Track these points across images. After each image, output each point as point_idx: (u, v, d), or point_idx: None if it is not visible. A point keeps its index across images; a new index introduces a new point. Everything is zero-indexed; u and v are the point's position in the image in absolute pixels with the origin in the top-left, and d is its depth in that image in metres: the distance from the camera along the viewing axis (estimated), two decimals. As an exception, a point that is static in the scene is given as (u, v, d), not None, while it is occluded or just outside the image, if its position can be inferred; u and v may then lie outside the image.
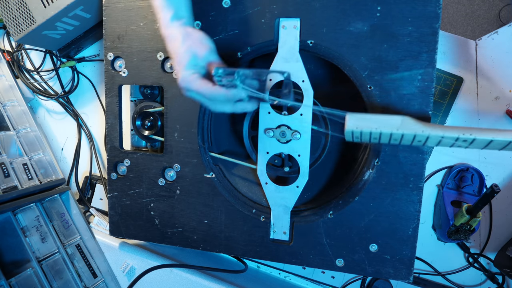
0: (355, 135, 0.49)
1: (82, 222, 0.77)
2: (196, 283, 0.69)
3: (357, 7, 0.53)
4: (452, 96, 0.74)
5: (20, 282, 0.61)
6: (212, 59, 0.51)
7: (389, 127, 0.47)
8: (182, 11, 0.52)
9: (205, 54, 0.50)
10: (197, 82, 0.49)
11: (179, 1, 0.52)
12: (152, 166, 0.65)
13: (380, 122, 0.47)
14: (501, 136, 0.43)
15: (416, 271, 0.76)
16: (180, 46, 0.50)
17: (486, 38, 0.73)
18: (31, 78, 0.85)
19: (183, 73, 0.50)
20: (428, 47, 0.51)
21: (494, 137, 0.43)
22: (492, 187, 0.57)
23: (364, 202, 0.56)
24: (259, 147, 0.61)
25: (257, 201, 0.63)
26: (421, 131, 0.46)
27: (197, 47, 0.50)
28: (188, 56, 0.50)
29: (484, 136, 0.44)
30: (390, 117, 0.47)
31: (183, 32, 0.50)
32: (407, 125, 0.46)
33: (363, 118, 0.48)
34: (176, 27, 0.51)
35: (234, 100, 0.51)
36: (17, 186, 0.69)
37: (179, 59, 0.50)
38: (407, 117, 0.47)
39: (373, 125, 0.47)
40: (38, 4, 0.66)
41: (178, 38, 0.50)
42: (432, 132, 0.45)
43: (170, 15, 0.50)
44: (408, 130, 0.46)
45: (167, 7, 0.51)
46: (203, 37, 0.51)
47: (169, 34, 0.51)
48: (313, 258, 0.59)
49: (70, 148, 0.88)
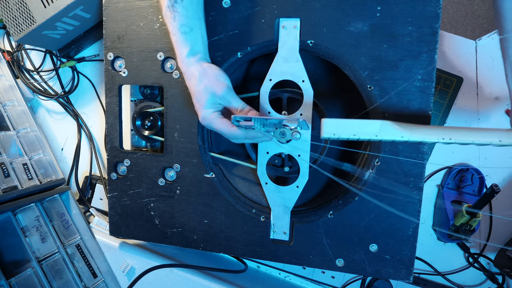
0: (332, 138, 0.48)
1: (82, 222, 0.77)
2: (196, 283, 0.69)
3: (357, 7, 0.53)
4: (452, 96, 0.74)
5: (20, 282, 0.61)
6: (229, 97, 0.53)
7: (367, 133, 0.46)
8: (197, 46, 0.53)
9: (222, 93, 0.52)
10: (217, 121, 0.52)
11: (195, 36, 0.53)
12: (152, 166, 0.65)
13: (357, 129, 0.46)
14: (480, 139, 0.44)
15: (416, 271, 0.76)
16: (198, 84, 0.52)
17: (486, 38, 0.73)
18: (31, 78, 0.85)
19: (203, 112, 0.53)
20: (428, 47, 0.51)
21: (473, 141, 0.44)
22: (492, 187, 0.57)
23: (364, 202, 0.56)
24: (259, 147, 0.61)
25: (257, 201, 0.63)
26: (400, 136, 0.45)
27: (213, 86, 0.52)
28: (206, 96, 0.52)
29: (463, 140, 0.44)
30: (368, 123, 0.46)
31: (199, 69, 0.52)
32: (385, 131, 0.46)
33: (340, 124, 0.46)
34: (192, 64, 0.53)
35: (252, 139, 0.54)
36: (17, 186, 0.69)
37: (198, 97, 0.53)
38: (386, 122, 0.46)
39: (350, 132, 0.46)
40: (38, 4, 0.66)
41: (195, 76, 0.52)
42: (411, 138, 0.45)
43: (186, 51, 0.52)
44: (386, 136, 0.46)
45: (184, 43, 0.52)
46: (219, 74, 0.53)
47: (186, 70, 0.53)
48: (313, 258, 0.59)
49: (70, 148, 0.88)
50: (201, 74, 0.52)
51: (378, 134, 0.46)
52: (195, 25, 0.53)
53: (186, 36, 0.52)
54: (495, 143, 0.43)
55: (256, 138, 0.54)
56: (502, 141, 0.43)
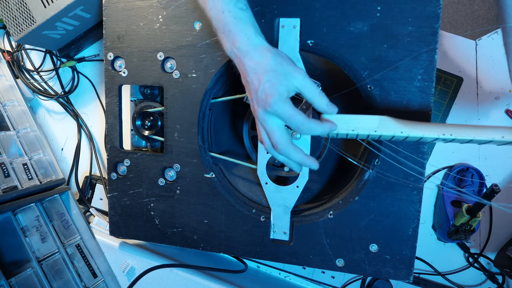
0: (331, 135, 0.47)
1: (82, 222, 0.77)
2: (196, 283, 0.69)
3: (357, 7, 0.53)
4: (452, 96, 0.74)
5: (20, 282, 0.61)
6: (309, 84, 0.44)
7: (366, 129, 0.45)
8: (258, 26, 0.46)
9: (304, 77, 0.44)
10: (292, 107, 0.44)
11: (252, 15, 0.46)
12: (152, 166, 0.65)
13: (356, 124, 0.45)
14: (481, 135, 0.43)
15: (416, 271, 0.76)
16: (272, 64, 0.43)
17: (486, 38, 0.73)
18: (31, 78, 0.85)
19: (276, 95, 0.43)
20: (428, 47, 0.51)
21: (474, 137, 0.43)
22: (492, 187, 0.57)
23: (364, 202, 0.56)
24: (259, 147, 0.61)
25: (257, 201, 0.63)
26: (399, 132, 0.44)
27: (293, 68, 0.44)
28: (282, 77, 0.43)
29: (464, 136, 0.43)
30: (367, 118, 0.45)
31: (272, 50, 0.44)
32: (385, 126, 0.45)
33: (339, 120, 0.46)
34: (262, 42, 0.45)
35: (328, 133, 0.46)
36: (17, 186, 0.69)
37: (270, 77, 0.43)
38: (385, 117, 0.45)
39: (349, 127, 0.45)
40: (38, 4, 0.66)
41: (267, 55, 0.44)
42: (411, 133, 0.44)
43: (251, 28, 0.45)
44: (386, 131, 0.45)
45: (246, 21, 0.45)
46: (292, 60, 0.45)
47: (253, 50, 0.44)
48: (313, 258, 0.59)
49: (70, 148, 0.88)
50: (275, 53, 0.44)
51: (377, 129, 0.45)
52: (246, 3, 0.46)
53: (245, 13, 0.45)
54: (497, 139, 0.42)
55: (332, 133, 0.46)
56: (504, 137, 0.42)
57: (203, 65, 0.60)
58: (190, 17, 0.60)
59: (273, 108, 0.43)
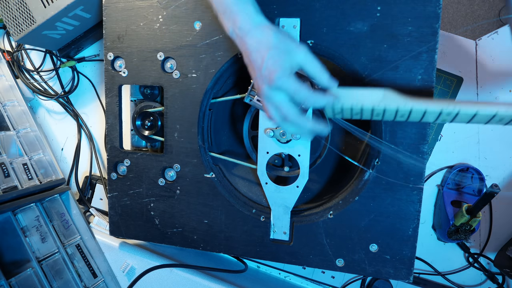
0: (336, 111, 0.47)
1: (82, 222, 0.77)
2: (196, 283, 0.69)
3: (357, 7, 0.53)
4: (452, 96, 0.74)
5: (20, 282, 0.61)
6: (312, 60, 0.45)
7: (371, 101, 0.45)
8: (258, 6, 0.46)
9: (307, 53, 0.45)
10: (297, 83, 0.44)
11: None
12: (152, 166, 0.65)
13: (361, 96, 0.46)
14: (486, 110, 0.42)
15: (416, 271, 0.76)
16: (274, 41, 0.44)
17: (486, 38, 0.73)
18: (31, 78, 0.85)
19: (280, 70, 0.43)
20: (428, 47, 0.51)
21: (478, 110, 0.42)
22: (492, 187, 0.57)
23: (364, 202, 0.56)
24: (259, 147, 0.61)
25: (257, 201, 0.63)
26: (403, 104, 0.44)
27: (295, 44, 0.45)
28: (284, 53, 0.44)
29: (469, 109, 0.42)
30: (372, 91, 0.46)
31: (273, 28, 0.45)
32: (389, 99, 0.45)
33: (344, 93, 0.46)
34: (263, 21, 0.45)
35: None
36: (17, 186, 0.69)
37: (273, 53, 0.43)
38: (389, 90, 0.45)
39: (354, 99, 0.46)
40: (38, 4, 0.66)
41: (268, 33, 0.44)
42: (414, 106, 0.44)
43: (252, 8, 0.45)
44: (390, 103, 0.45)
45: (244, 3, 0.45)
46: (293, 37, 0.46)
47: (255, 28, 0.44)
48: (313, 258, 0.59)
49: (70, 148, 0.88)
50: (276, 31, 0.44)
51: (382, 101, 0.45)
52: None
53: None
54: (502, 112, 0.41)
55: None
56: (508, 110, 0.41)
57: (203, 65, 0.60)
58: (190, 17, 0.60)
59: (278, 84, 0.44)
